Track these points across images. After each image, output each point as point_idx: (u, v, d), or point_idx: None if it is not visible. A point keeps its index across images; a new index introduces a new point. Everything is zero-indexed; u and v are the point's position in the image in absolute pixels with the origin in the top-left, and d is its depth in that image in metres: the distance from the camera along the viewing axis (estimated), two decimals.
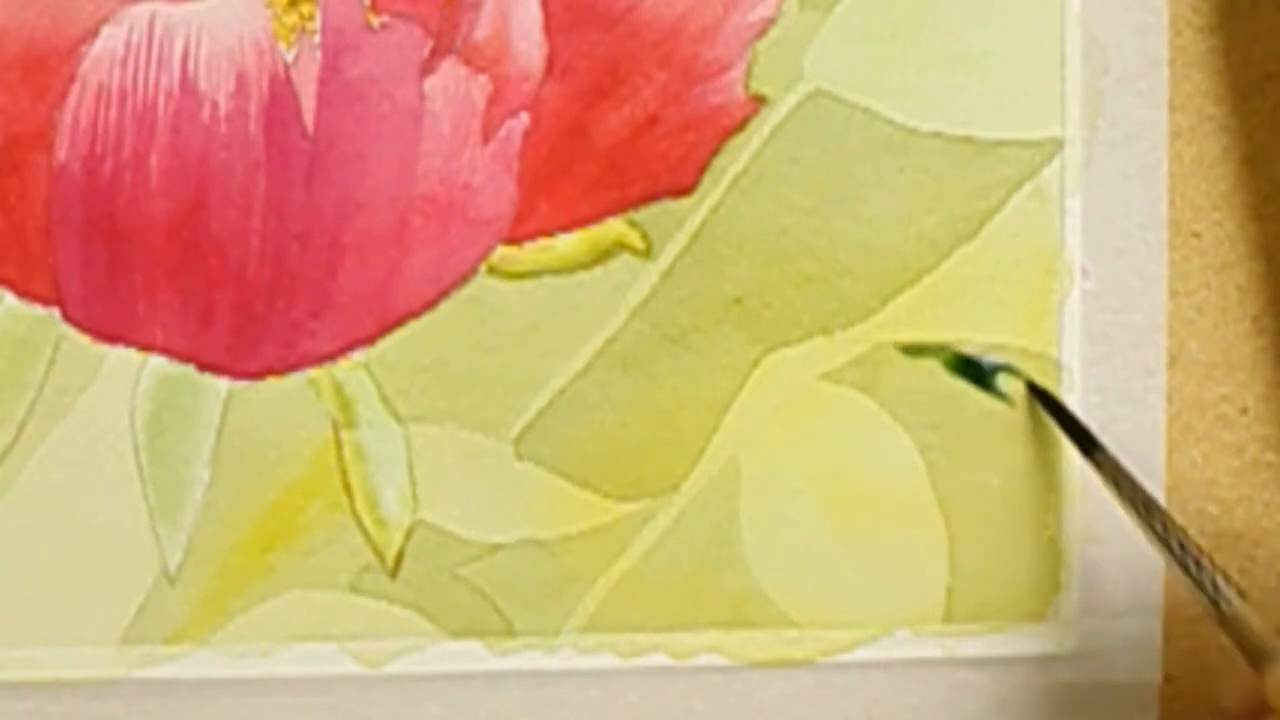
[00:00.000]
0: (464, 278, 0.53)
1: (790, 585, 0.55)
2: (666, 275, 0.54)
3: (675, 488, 0.54)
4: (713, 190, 0.54)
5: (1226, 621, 0.50)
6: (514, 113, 0.53)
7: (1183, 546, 0.51)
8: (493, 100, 0.53)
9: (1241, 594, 0.50)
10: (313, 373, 0.53)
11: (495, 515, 0.54)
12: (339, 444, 0.53)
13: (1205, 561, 0.51)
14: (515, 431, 0.54)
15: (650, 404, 0.54)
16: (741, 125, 0.54)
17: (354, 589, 0.54)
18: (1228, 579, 0.51)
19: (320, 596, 0.54)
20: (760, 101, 0.54)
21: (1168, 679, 0.56)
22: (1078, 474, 0.55)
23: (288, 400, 0.53)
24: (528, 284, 0.54)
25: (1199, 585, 0.51)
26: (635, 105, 0.53)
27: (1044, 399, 0.54)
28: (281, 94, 0.53)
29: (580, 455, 0.54)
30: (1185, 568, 0.51)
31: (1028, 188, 0.54)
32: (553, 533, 0.54)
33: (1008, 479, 0.53)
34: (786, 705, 0.55)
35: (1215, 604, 0.50)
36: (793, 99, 0.54)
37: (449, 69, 0.53)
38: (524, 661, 0.54)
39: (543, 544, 0.54)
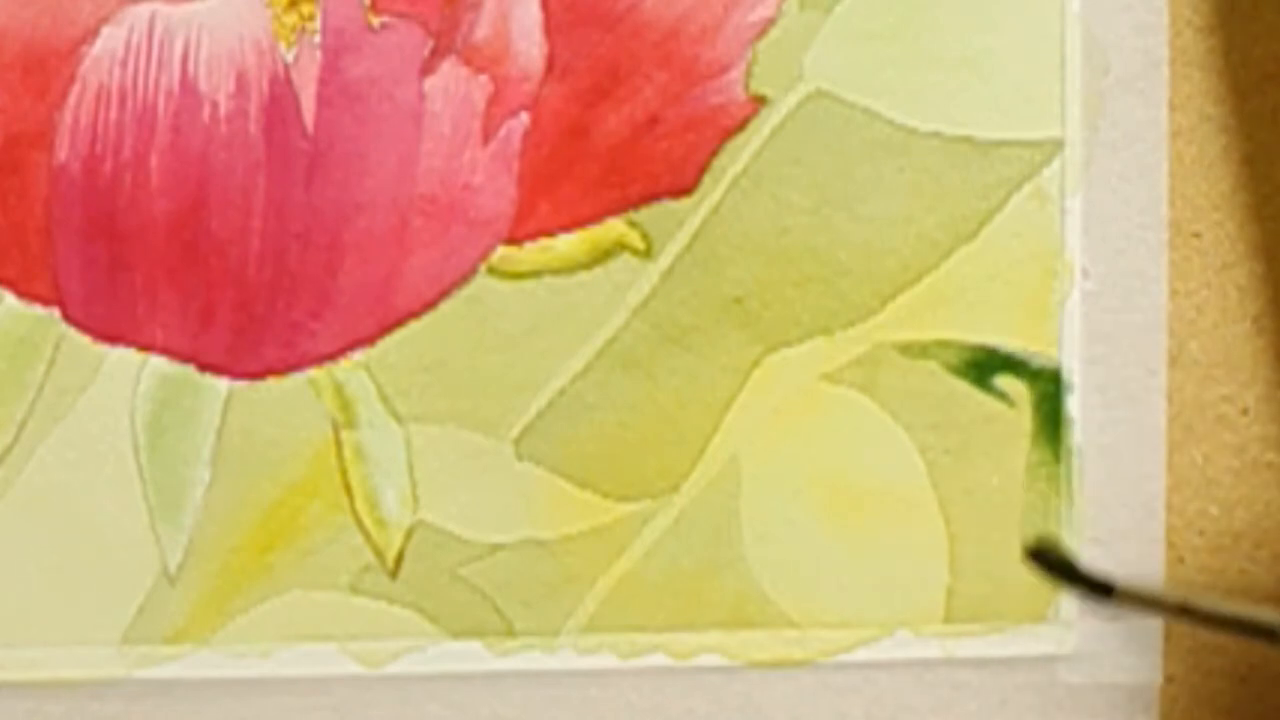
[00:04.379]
0: (464, 278, 0.53)
1: (790, 585, 0.55)
2: (666, 275, 0.54)
3: (675, 488, 0.54)
4: (713, 190, 0.54)
5: None
6: (514, 113, 0.53)
7: (1223, 616, 0.50)
8: (493, 100, 0.53)
9: None
10: (313, 373, 0.53)
11: (495, 515, 0.54)
12: (339, 444, 0.53)
13: (1241, 612, 0.50)
14: (515, 431, 0.54)
15: (650, 404, 0.54)
16: (741, 125, 0.54)
17: (354, 589, 0.54)
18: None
19: (320, 596, 0.54)
20: (760, 101, 0.54)
21: (1168, 679, 0.56)
22: (1078, 474, 0.55)
23: (288, 400, 0.53)
24: (528, 284, 0.54)
25: (1254, 634, 0.49)
26: (635, 105, 0.53)
27: (1046, 558, 0.51)
28: (281, 94, 0.53)
29: (580, 455, 0.54)
30: (1235, 628, 0.50)
31: (1028, 188, 0.54)
32: (553, 533, 0.54)
33: (1008, 479, 0.53)
34: (786, 705, 0.55)
35: (1272, 635, 0.49)
36: (793, 99, 0.54)
37: (449, 69, 0.53)
38: (524, 661, 0.54)
39: (543, 544, 0.54)
